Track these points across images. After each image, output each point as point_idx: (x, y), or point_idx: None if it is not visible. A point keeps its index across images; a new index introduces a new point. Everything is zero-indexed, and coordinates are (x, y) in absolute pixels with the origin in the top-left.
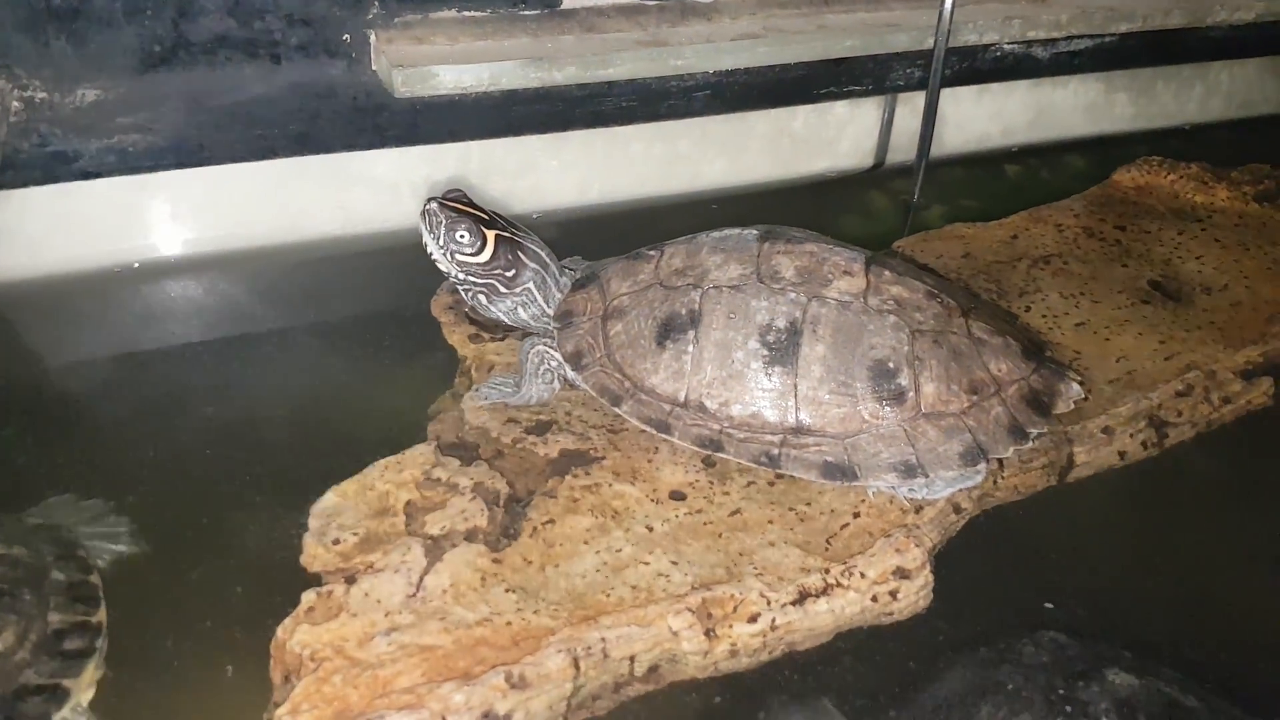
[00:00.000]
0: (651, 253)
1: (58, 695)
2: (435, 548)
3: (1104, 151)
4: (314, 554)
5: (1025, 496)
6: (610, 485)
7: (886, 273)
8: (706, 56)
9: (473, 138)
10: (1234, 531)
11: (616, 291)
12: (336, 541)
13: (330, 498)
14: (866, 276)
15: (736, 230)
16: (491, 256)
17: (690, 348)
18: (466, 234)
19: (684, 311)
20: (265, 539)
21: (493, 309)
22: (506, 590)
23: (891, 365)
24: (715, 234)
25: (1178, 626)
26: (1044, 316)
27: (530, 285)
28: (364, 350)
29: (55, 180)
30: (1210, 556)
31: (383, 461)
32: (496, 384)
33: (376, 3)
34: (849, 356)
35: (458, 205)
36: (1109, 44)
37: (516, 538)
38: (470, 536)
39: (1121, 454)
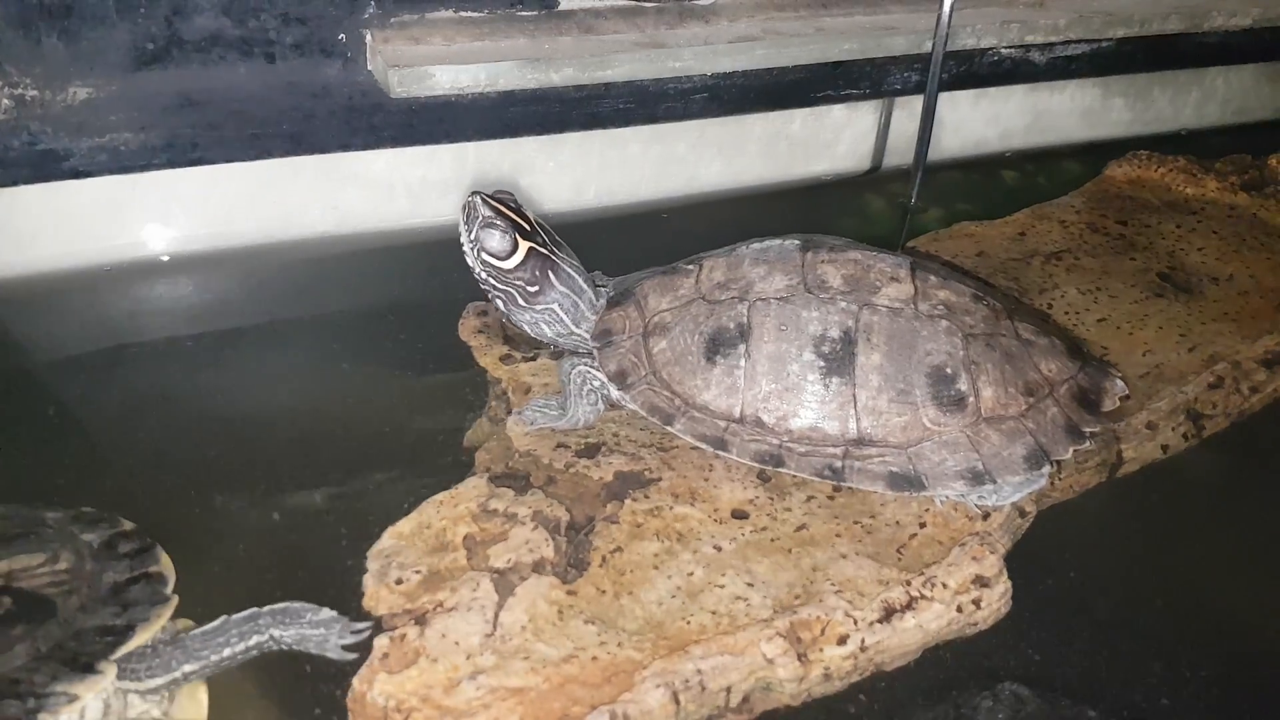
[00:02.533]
0: (689, 267)
1: (154, 579)
2: (504, 582)
3: (1100, 156)
4: (377, 595)
5: (1079, 495)
6: (671, 508)
7: (932, 277)
8: (704, 59)
9: (469, 139)
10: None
11: (656, 308)
12: (399, 581)
13: (386, 540)
14: (913, 282)
15: (776, 241)
16: (518, 266)
17: (742, 362)
18: (497, 235)
19: (732, 325)
20: (318, 581)
21: (512, 317)
22: (585, 622)
23: (949, 371)
24: (755, 245)
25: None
26: (1066, 313)
27: (554, 307)
28: (373, 359)
29: (46, 179)
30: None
31: (437, 498)
32: (540, 407)
33: (373, 2)
34: (906, 364)
35: (499, 205)
36: (1106, 49)
37: (586, 567)
38: (539, 568)
39: (1164, 448)
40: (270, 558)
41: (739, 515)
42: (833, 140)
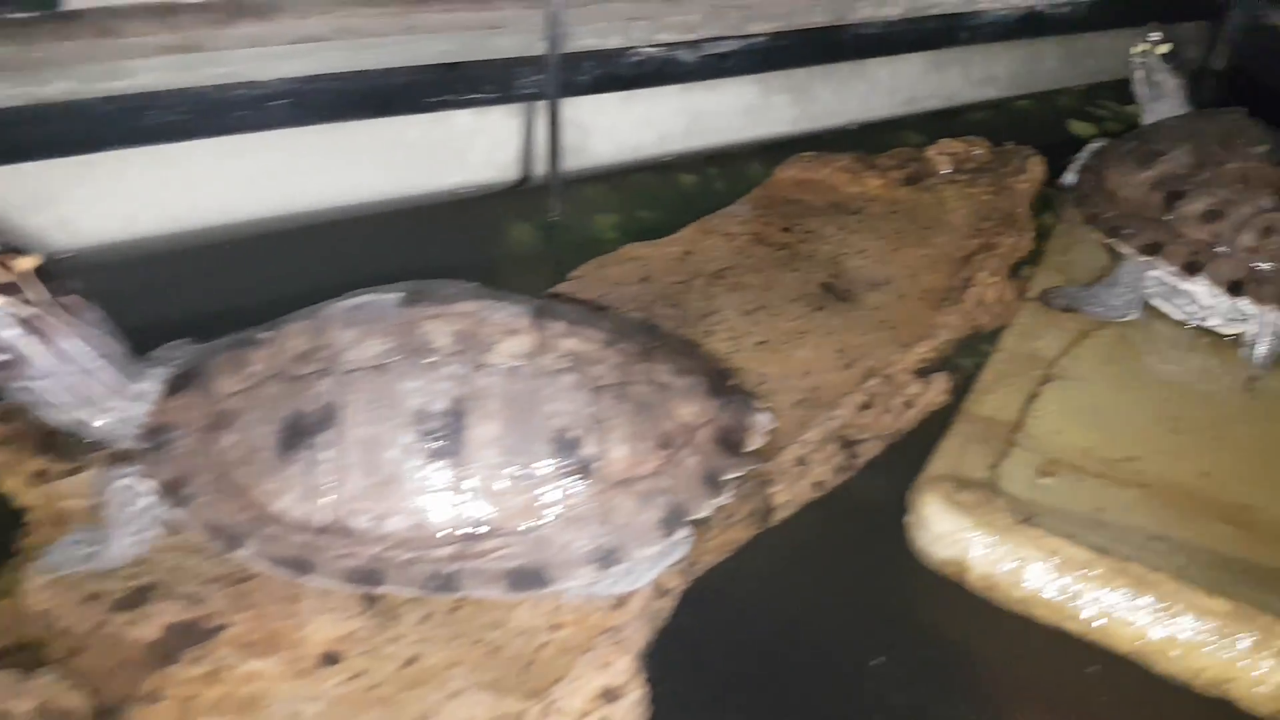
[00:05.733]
0: (265, 335)
1: None
2: None
3: (778, 155)
4: None
5: (733, 554)
6: (239, 665)
7: (558, 324)
8: (255, 64)
9: None
10: None
11: (224, 390)
12: None
13: None
14: (535, 332)
15: (373, 295)
16: None
17: (326, 454)
18: None
19: (314, 407)
20: None
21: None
22: None
23: (574, 433)
24: (347, 303)
25: None
26: (727, 339)
27: (40, 385)
28: None
29: None
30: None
31: None
32: (71, 544)
33: None
34: (526, 431)
35: None
36: (759, 45)
37: None
38: None
39: (818, 484)
40: None
41: (330, 660)
42: (463, 148)
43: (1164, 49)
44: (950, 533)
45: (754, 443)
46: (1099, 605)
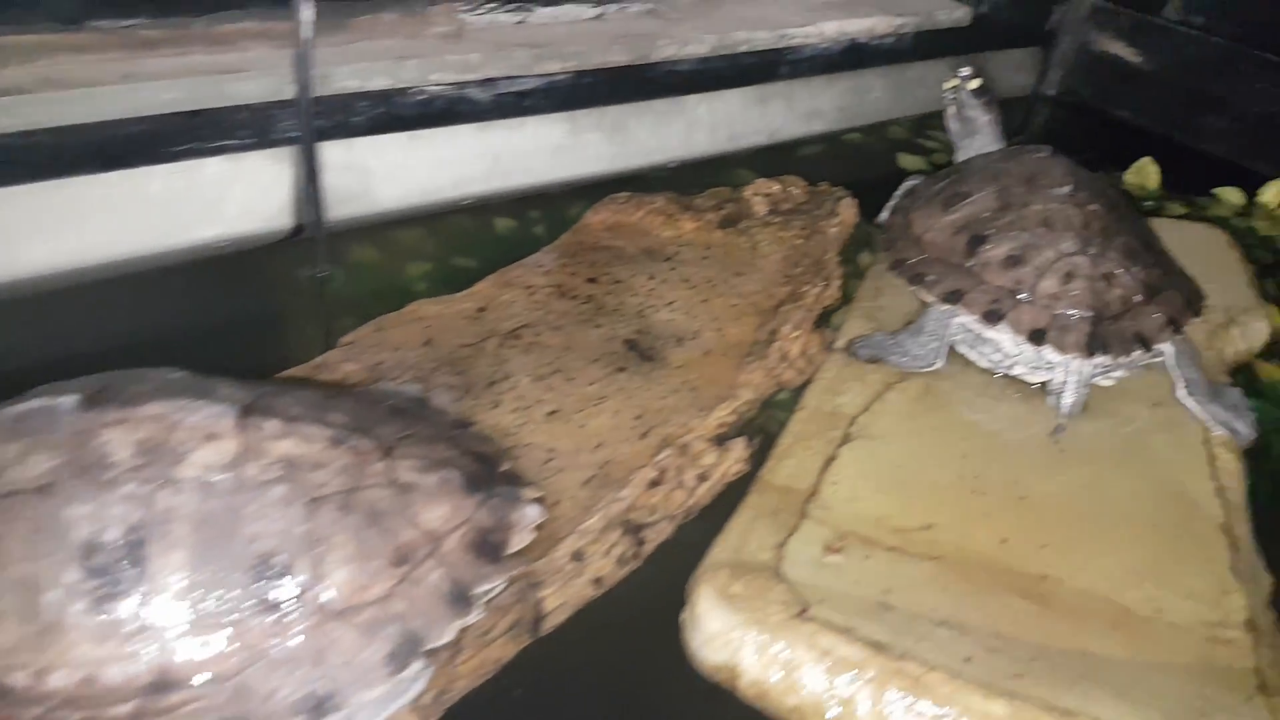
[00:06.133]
0: None
1: None
2: None
3: (595, 196)
4: None
5: (492, 675)
6: None
7: (270, 423)
8: None
9: None
10: None
11: None
12: None
13: None
14: (240, 436)
15: (44, 399)
16: None
17: None
18: None
19: None
20: None
21: None
22: None
23: (282, 558)
24: (14, 408)
25: None
26: (515, 410)
27: None
28: None
29: None
30: None
31: None
32: None
33: None
34: (222, 559)
35: None
36: (562, 82)
37: None
38: None
39: (596, 581)
40: None
41: None
42: (217, 199)
43: (974, 84)
44: (721, 633)
45: (519, 542)
46: (875, 712)
